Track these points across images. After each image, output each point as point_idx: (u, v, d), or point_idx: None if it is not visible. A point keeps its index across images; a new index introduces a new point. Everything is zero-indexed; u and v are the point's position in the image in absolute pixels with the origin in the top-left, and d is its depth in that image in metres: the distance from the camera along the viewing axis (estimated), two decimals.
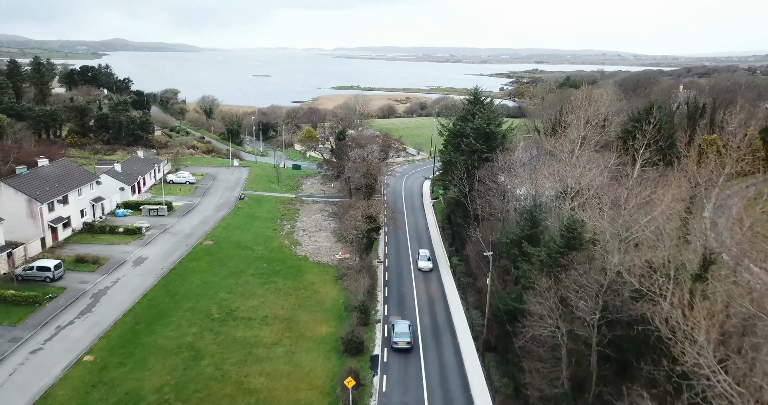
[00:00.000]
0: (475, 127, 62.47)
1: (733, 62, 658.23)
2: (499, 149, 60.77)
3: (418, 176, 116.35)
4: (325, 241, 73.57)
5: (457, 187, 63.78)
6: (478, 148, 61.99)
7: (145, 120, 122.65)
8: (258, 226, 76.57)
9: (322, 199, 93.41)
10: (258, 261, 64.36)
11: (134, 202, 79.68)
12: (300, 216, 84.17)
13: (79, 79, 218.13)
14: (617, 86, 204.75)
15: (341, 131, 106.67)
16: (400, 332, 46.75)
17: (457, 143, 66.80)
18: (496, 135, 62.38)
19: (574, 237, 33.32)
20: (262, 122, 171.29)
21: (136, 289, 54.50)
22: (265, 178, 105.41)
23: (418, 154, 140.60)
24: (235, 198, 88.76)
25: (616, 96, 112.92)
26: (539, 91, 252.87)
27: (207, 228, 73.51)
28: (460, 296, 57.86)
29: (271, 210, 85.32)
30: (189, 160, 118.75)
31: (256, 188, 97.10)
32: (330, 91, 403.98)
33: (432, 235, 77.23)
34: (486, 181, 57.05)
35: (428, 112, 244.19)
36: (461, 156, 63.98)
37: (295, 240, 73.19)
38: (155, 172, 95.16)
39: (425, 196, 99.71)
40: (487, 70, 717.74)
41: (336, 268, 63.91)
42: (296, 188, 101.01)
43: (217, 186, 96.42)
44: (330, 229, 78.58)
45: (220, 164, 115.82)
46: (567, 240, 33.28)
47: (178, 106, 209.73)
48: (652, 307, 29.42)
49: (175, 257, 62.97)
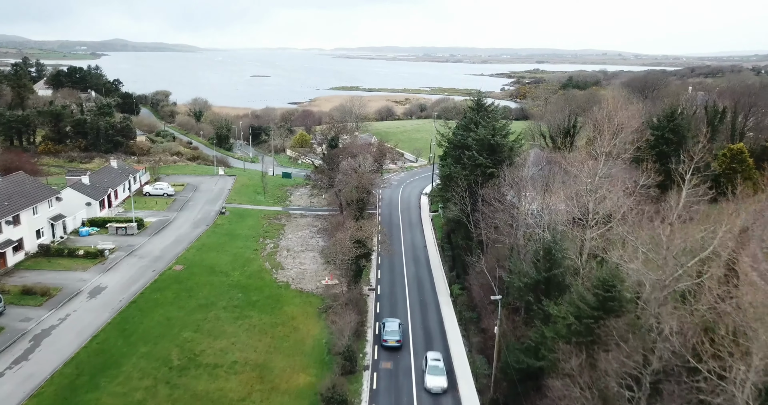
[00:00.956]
0: (478, 138, 54.97)
1: (735, 62, 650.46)
2: (506, 163, 53.23)
3: (417, 185, 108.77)
4: (311, 263, 66.06)
5: (458, 206, 56.27)
6: (481, 162, 54.46)
7: (126, 125, 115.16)
8: (237, 246, 69.04)
9: (311, 213, 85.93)
10: (233, 290, 56.84)
11: (101, 220, 72.18)
12: (285, 233, 76.65)
13: (66, 80, 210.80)
14: (624, 87, 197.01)
15: (333, 137, 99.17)
16: (390, 331, 47.71)
17: (458, 156, 59.24)
18: (502, 147, 54.81)
19: (612, 297, 25.86)
20: (253, 126, 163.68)
21: (85, 328, 46.97)
22: (251, 188, 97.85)
23: (417, 160, 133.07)
24: (215, 212, 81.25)
25: (626, 98, 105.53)
26: (542, 92, 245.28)
27: (179, 249, 65.96)
28: (461, 333, 50.38)
29: (253, 226, 77.79)
30: (171, 168, 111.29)
31: (240, 200, 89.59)
32: (328, 91, 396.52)
33: (430, 256, 69.64)
34: (491, 202, 49.51)
35: (428, 113, 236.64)
36: (462, 170, 56.44)
37: (277, 262, 65.66)
38: (130, 183, 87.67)
39: (423, 208, 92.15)
40: (487, 70, 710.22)
41: (320, 298, 56.41)
42: (284, 200, 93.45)
43: (197, 198, 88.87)
44: (317, 248, 71.08)
45: (204, 173, 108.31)
46: (602, 301, 25.82)
47: (168, 109, 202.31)
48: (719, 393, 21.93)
49: (138, 286, 55.44)
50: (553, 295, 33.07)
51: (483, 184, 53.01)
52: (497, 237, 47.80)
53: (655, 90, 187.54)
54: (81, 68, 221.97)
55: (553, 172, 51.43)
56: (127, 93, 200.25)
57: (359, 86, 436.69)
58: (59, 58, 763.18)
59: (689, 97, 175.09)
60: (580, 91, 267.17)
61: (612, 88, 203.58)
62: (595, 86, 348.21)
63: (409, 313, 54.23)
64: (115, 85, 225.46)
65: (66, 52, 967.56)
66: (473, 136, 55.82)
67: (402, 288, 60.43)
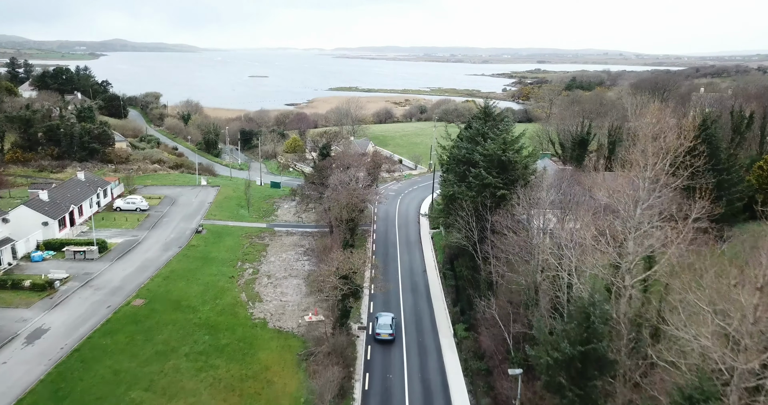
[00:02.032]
0: (486, 153, 46.68)
1: (737, 62, 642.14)
2: (520, 184, 44.97)
3: (416, 196, 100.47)
4: (294, 294, 57.82)
5: (463, 232, 47.98)
6: (490, 181, 46.15)
7: (102, 131, 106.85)
8: (211, 273, 60.78)
9: (299, 229, 77.67)
10: (199, 330, 48.60)
11: (59, 242, 63.92)
12: (267, 255, 68.39)
13: (52, 82, 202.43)
14: (632, 88, 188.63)
15: (324, 145, 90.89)
16: (383, 324, 48.16)
17: (462, 173, 50.87)
18: (515, 165, 46.51)
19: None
20: (243, 130, 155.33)
21: (11, 389, 38.71)
22: (235, 200, 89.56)
23: (416, 167, 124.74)
24: (191, 231, 73.00)
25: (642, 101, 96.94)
26: (547, 93, 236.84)
27: (143, 278, 57.71)
28: (467, 388, 42.08)
29: (232, 247, 69.51)
30: (150, 177, 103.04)
31: (221, 216, 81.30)
32: (327, 92, 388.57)
33: (431, 284, 61.27)
34: (503, 231, 41.25)
35: (428, 116, 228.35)
36: (468, 191, 48.13)
37: (254, 293, 57.41)
38: (99, 197, 79.45)
39: (423, 223, 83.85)
40: (488, 70, 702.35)
41: (302, 341, 48.18)
42: (270, 214, 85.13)
43: (173, 214, 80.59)
44: (303, 273, 62.87)
45: (186, 183, 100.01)
46: None
47: (157, 111, 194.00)
48: None
49: (87, 328, 47.20)
50: (593, 375, 25.06)
51: (493, 208, 44.78)
52: (511, 276, 39.59)
53: (666, 92, 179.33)
54: (67, 69, 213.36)
55: (577, 195, 43.07)
56: (114, 95, 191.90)
57: (358, 87, 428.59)
58: (57, 58, 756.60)
59: (701, 99, 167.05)
60: (585, 92, 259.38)
61: (619, 90, 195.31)
62: (600, 87, 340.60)
63: (406, 360, 45.96)
64: (104, 87, 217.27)
65: (65, 52, 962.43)
66: (480, 151, 47.53)
67: (398, 325, 52.16)
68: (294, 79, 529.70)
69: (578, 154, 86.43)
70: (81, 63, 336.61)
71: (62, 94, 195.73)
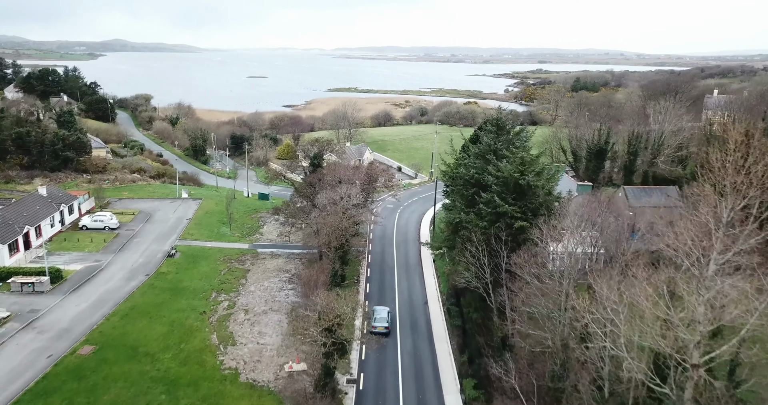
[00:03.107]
0: (500, 175, 38.50)
1: (740, 62, 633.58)
2: (543, 214, 36.82)
3: (416, 209, 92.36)
4: (274, 334, 49.72)
5: (472, 270, 39.73)
6: (505, 210, 37.93)
7: (75, 138, 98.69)
8: (179, 308, 52.66)
9: (285, 250, 69.46)
10: (155, 387, 40.47)
11: (6, 271, 55.80)
12: (247, 283, 60.23)
13: (38, 84, 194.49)
14: (642, 90, 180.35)
15: (316, 155, 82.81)
16: (379, 318, 50.28)
17: (470, 196, 42.58)
18: (535, 190, 38.26)
19: None
20: (234, 134, 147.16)
21: None
22: (217, 216, 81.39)
23: (416, 176, 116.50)
24: (162, 254, 64.88)
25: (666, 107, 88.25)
26: (553, 95, 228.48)
27: (98, 317, 49.61)
28: None
29: (208, 274, 61.34)
30: (128, 189, 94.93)
31: (199, 235, 73.17)
32: (326, 93, 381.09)
33: (433, 321, 53.03)
34: (524, 276, 33.10)
35: (429, 118, 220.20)
36: (478, 220, 39.93)
37: (228, 334, 49.30)
38: (63, 215, 71.37)
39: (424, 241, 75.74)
40: (489, 70, 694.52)
41: (278, 400, 40.06)
42: (254, 231, 76.92)
43: (146, 232, 72.47)
44: (285, 306, 54.77)
45: (166, 195, 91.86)
46: None
47: (146, 114, 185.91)
48: None
49: (16, 388, 39.07)
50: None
51: (509, 242, 36.70)
52: (536, 335, 31.47)
53: (678, 94, 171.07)
54: (54, 70, 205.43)
55: (618, 231, 34.80)
56: (101, 97, 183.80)
57: (357, 88, 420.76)
58: (56, 58, 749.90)
59: (717, 102, 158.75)
60: (591, 93, 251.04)
61: (629, 92, 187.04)
62: (605, 88, 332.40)
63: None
64: (92, 89, 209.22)
65: (63, 52, 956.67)
66: (493, 172, 39.32)
67: (394, 376, 44.06)
68: (293, 79, 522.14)
69: (595, 165, 78.27)
70: (79, 63, 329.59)
71: (47, 97, 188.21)
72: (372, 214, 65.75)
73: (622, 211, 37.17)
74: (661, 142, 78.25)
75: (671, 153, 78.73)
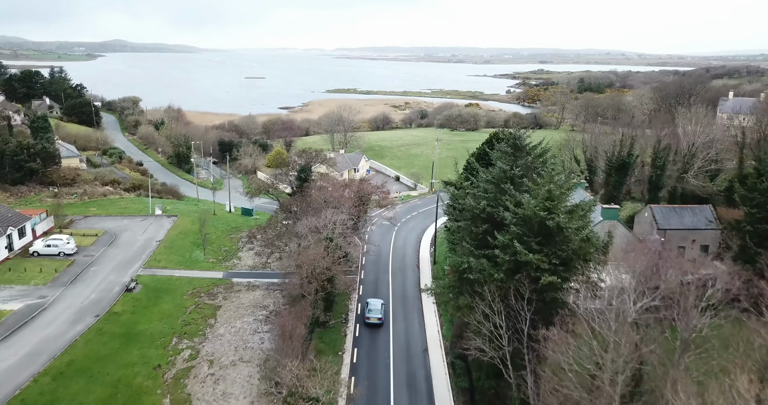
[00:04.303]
0: (522, 214, 29.37)
1: (742, 62, 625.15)
2: (579, 267, 27.88)
3: (415, 227, 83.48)
4: (242, 394, 40.85)
5: (485, 336, 30.61)
6: (529, 259, 28.83)
7: (41, 148, 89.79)
8: (129, 361, 43.75)
9: (264, 280, 60.51)
10: None
11: None
12: (216, 323, 51.38)
13: (19, 86, 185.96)
14: (654, 92, 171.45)
15: (303, 168, 74.04)
16: (373, 309, 51.76)
17: (480, 236, 33.30)
18: (567, 234, 28.91)
19: None
20: (223, 140, 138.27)
21: None
22: (191, 236, 72.37)
23: (416, 186, 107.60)
24: (120, 287, 55.98)
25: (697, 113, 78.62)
26: (559, 96, 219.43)
27: (25, 376, 40.68)
28: None
29: (170, 312, 52.44)
30: (97, 204, 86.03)
31: (168, 261, 64.22)
32: (324, 94, 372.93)
33: (434, 373, 44.14)
34: (556, 353, 24.25)
35: (429, 121, 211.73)
36: (492, 269, 30.83)
37: (185, 396, 40.45)
38: (11, 239, 62.51)
39: (424, 270, 66.95)
40: (490, 70, 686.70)
41: None
42: (231, 255, 67.86)
43: (106, 259, 63.54)
44: (258, 355, 45.93)
45: (138, 211, 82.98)
46: None
47: (132, 118, 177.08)
48: None
49: None
50: None
51: (533, 301, 27.81)
52: None
53: (692, 96, 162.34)
54: (37, 72, 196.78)
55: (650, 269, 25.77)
56: (85, 100, 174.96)
57: (357, 89, 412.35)
58: (54, 59, 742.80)
59: (734, 105, 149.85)
60: (597, 94, 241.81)
61: (640, 93, 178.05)
62: (609, 89, 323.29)
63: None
64: (78, 91, 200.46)
65: (62, 53, 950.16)
66: (511, 207, 30.18)
67: None
68: (292, 80, 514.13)
69: (615, 180, 69.28)
70: (77, 64, 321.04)
71: (30, 100, 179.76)
72: (363, 241, 56.78)
73: (685, 265, 27.90)
74: (693, 154, 69.32)
75: (703, 166, 69.79)
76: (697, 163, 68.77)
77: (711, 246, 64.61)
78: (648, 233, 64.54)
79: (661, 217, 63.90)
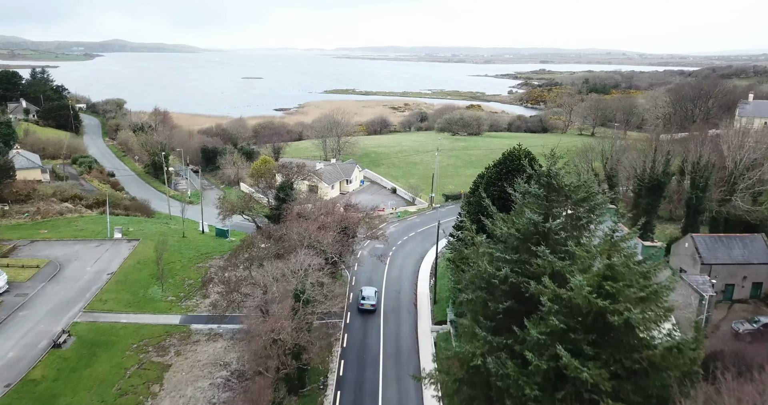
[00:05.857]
0: (568, 297, 18.83)
1: (744, 61, 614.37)
2: (655, 388, 17.49)
3: (412, 250, 72.96)
4: None
5: None
6: (579, 372, 18.16)
7: None
8: None
9: (229, 326, 49.94)
10: None
11: None
12: (162, 391, 40.89)
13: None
14: (671, 95, 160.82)
15: (282, 186, 63.57)
16: (367, 296, 53.22)
17: (498, 315, 22.37)
18: (633, 330, 17.95)
19: None
20: (206, 147, 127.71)
21: None
22: (151, 267, 61.74)
23: (414, 200, 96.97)
24: (48, 340, 45.51)
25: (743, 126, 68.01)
26: (565, 99, 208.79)
27: None
28: None
29: (104, 377, 41.91)
30: (50, 224, 75.53)
31: (116, 301, 53.72)
32: (321, 95, 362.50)
33: None
34: None
35: (429, 124, 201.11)
36: (519, 375, 19.87)
37: None
38: None
39: (422, 310, 56.40)
40: (491, 70, 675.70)
41: None
42: (194, 292, 57.39)
43: (41, 299, 53.07)
44: None
45: (95, 234, 72.48)
46: None
47: (114, 122, 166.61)
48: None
49: None
50: None
51: None
52: None
53: (710, 98, 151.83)
54: (15, 73, 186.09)
55: None
56: (63, 104, 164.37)
57: (355, 89, 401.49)
58: (51, 58, 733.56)
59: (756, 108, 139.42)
60: (603, 95, 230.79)
61: (654, 96, 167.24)
62: (615, 90, 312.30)
63: None
64: (59, 93, 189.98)
65: (60, 53, 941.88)
66: (549, 284, 19.56)
67: None
68: (290, 80, 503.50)
69: (648, 202, 58.64)
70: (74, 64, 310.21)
71: (4, 102, 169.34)
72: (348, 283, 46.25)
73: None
74: (740, 173, 58.71)
75: (748, 185, 59.17)
76: (744, 183, 58.28)
77: (765, 283, 54.25)
78: (689, 267, 54.11)
79: (705, 249, 53.34)
